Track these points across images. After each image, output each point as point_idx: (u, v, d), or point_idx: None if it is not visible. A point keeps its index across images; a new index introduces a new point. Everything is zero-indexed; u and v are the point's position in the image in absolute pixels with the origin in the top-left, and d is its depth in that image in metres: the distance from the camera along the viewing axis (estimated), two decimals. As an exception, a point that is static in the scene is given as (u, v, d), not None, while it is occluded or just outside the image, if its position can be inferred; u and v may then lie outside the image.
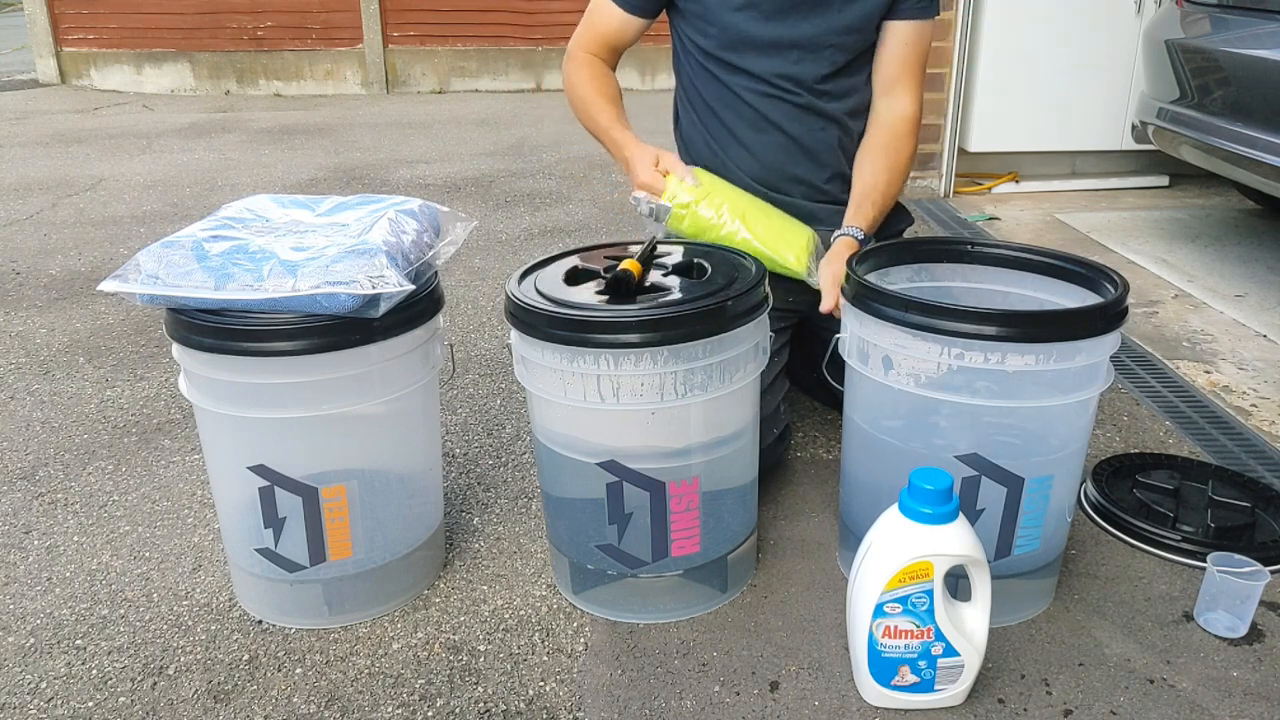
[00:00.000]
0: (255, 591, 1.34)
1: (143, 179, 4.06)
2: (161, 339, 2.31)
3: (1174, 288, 2.64)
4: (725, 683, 1.20)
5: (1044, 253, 1.37)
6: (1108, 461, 1.65)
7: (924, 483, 1.05)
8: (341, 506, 1.27)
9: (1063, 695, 1.17)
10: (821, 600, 1.36)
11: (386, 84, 6.89)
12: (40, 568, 1.46)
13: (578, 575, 1.34)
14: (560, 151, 4.53)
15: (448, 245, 1.31)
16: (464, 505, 1.62)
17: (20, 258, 2.99)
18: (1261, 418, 1.90)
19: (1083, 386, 1.19)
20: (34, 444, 1.84)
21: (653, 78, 6.87)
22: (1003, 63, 3.45)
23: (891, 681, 1.13)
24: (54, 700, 1.19)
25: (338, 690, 1.20)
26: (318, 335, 1.15)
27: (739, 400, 1.28)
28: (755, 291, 1.23)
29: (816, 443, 1.81)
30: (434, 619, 1.33)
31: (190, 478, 1.71)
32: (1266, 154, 2.30)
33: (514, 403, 1.99)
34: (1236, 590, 1.27)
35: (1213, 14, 2.63)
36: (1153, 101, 2.88)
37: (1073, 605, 1.34)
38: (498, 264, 2.89)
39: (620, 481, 1.23)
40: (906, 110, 1.67)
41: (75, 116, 5.73)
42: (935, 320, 1.15)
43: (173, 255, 1.17)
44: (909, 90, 1.67)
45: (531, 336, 1.20)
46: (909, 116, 1.67)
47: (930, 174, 3.63)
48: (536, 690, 1.20)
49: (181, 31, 6.81)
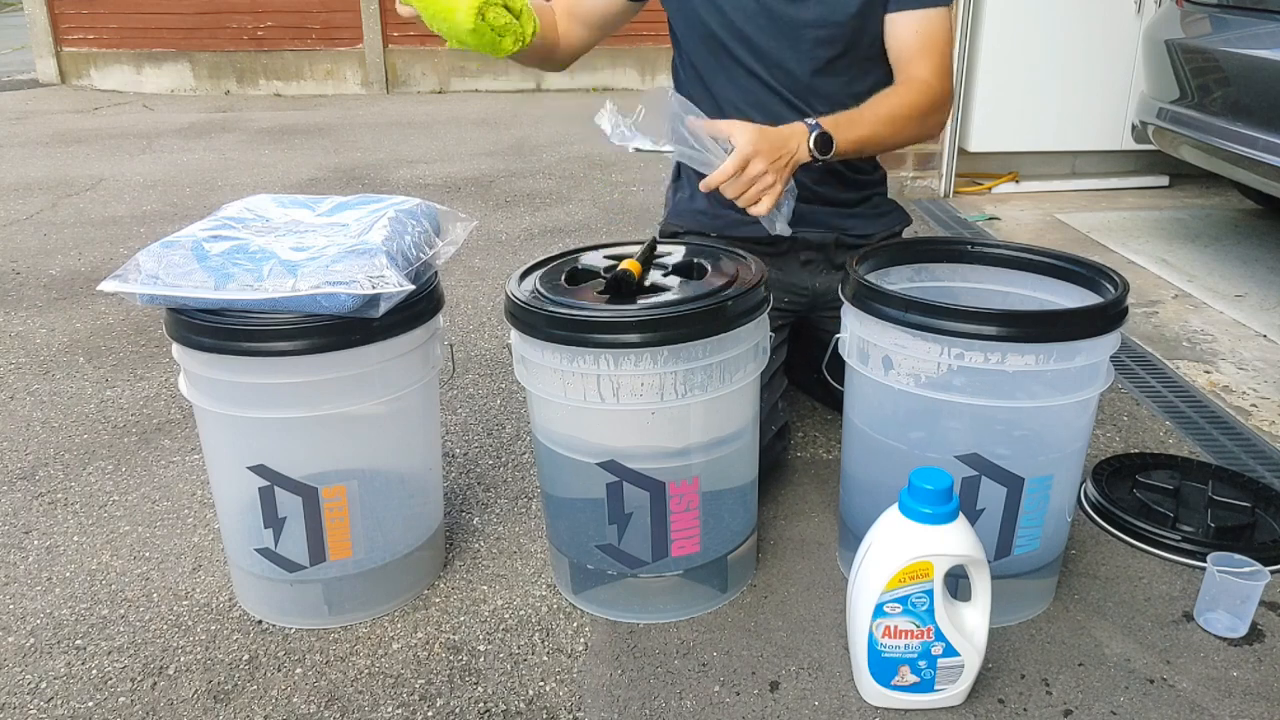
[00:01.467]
0: (255, 591, 1.34)
1: (143, 179, 4.06)
2: (161, 339, 2.31)
3: (1174, 288, 2.64)
4: (725, 683, 1.20)
5: (1044, 253, 1.37)
6: (1108, 461, 1.65)
7: (924, 483, 1.05)
8: (341, 506, 1.27)
9: (1063, 695, 1.17)
10: (821, 600, 1.36)
11: (386, 84, 6.89)
12: (40, 568, 1.46)
13: (578, 575, 1.34)
14: (560, 151, 4.53)
15: (448, 245, 1.31)
16: (464, 505, 1.62)
17: (20, 258, 2.99)
18: (1261, 418, 1.90)
19: (1083, 387, 1.19)
20: (34, 444, 1.84)
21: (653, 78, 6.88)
22: (1003, 63, 3.45)
23: (891, 681, 1.13)
24: (54, 700, 1.19)
25: (338, 690, 1.20)
26: (318, 335, 1.15)
27: (739, 400, 1.28)
28: (755, 291, 1.23)
29: (816, 443, 1.81)
30: (434, 619, 1.33)
31: (190, 478, 1.71)
32: (1266, 154, 2.30)
33: (514, 403, 1.99)
34: (1236, 590, 1.27)
35: (1213, 14, 2.63)
36: (1153, 101, 2.88)
37: (1073, 605, 1.34)
38: (498, 264, 2.89)
39: (620, 481, 1.23)
40: (922, 74, 1.56)
41: (75, 116, 5.73)
42: (935, 320, 1.15)
43: (173, 255, 1.17)
44: (926, 65, 1.57)
45: (531, 336, 1.20)
46: (924, 79, 1.56)
47: (930, 174, 3.62)
48: (536, 690, 1.20)
49: (181, 31, 6.81)
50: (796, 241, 1.69)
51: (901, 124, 1.54)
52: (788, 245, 1.69)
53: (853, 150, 1.49)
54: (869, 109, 1.52)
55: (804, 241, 1.70)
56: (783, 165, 1.39)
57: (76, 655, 1.27)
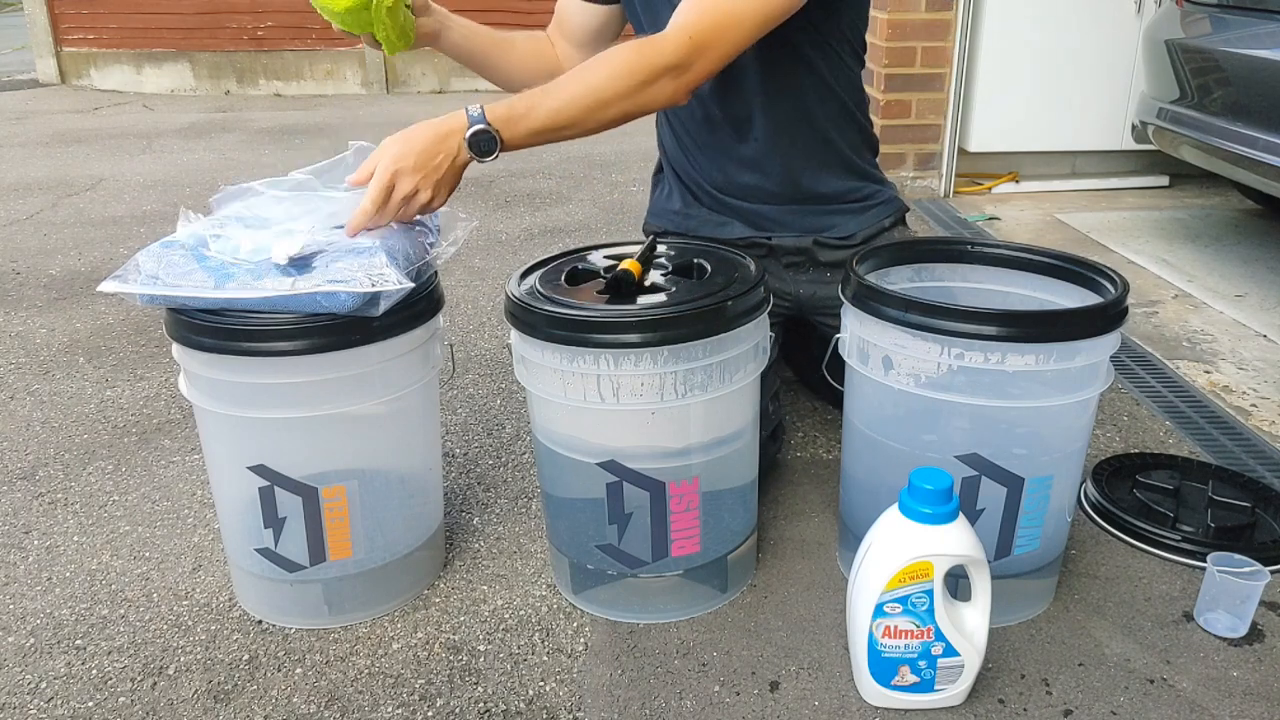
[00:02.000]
0: (255, 591, 1.34)
1: (143, 179, 4.06)
2: (161, 339, 2.31)
3: (1174, 288, 2.64)
4: (725, 683, 1.20)
5: (1044, 253, 1.37)
6: (1108, 461, 1.65)
7: (924, 483, 1.05)
8: (341, 506, 1.27)
9: (1063, 695, 1.17)
10: (821, 600, 1.36)
11: (386, 84, 6.89)
12: (40, 568, 1.46)
13: (578, 575, 1.34)
14: (560, 151, 4.53)
15: (448, 245, 1.31)
16: (464, 505, 1.62)
17: (20, 258, 2.99)
18: (1261, 418, 1.90)
19: (1083, 387, 1.19)
20: (34, 444, 1.84)
21: (653, 78, 6.87)
22: (1003, 63, 3.45)
23: (891, 681, 1.13)
24: (54, 700, 1.19)
25: (338, 690, 1.20)
26: (318, 335, 1.15)
27: (739, 400, 1.28)
28: (755, 291, 1.23)
29: (816, 443, 1.81)
30: (434, 619, 1.33)
31: (190, 478, 1.71)
32: (1266, 154, 2.30)
33: (514, 403, 1.99)
34: (1236, 590, 1.27)
35: (1213, 14, 2.63)
36: (1153, 101, 2.88)
37: (1073, 605, 1.34)
38: (498, 264, 2.89)
39: (620, 481, 1.23)
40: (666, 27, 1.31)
41: (75, 116, 5.73)
42: (935, 320, 1.15)
43: (172, 255, 1.17)
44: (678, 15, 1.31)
45: (531, 336, 1.20)
46: (661, 33, 1.30)
47: (930, 174, 3.63)
48: (536, 690, 1.20)
49: (181, 31, 6.80)
50: (775, 248, 1.68)
51: (606, 99, 1.27)
52: (766, 250, 1.67)
53: (537, 140, 1.27)
54: (562, 85, 1.28)
55: (781, 248, 1.68)
56: (439, 176, 1.23)
57: (76, 655, 1.27)
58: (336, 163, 1.37)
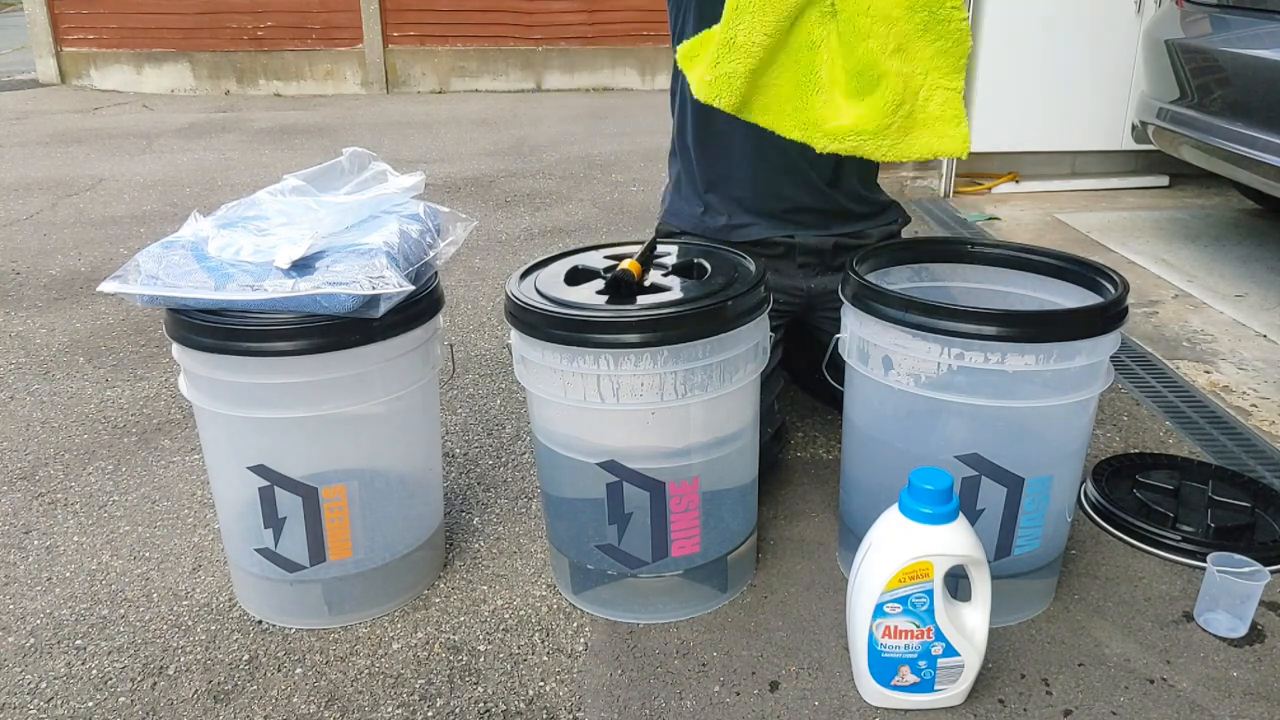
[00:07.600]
0: (255, 591, 1.34)
1: (143, 179, 4.06)
2: (161, 339, 2.31)
3: (1174, 288, 2.64)
4: (725, 683, 1.20)
5: (1044, 253, 1.37)
6: (1108, 461, 1.65)
7: (924, 483, 1.05)
8: (341, 506, 1.27)
9: (1063, 695, 1.17)
10: (821, 600, 1.36)
11: (386, 84, 6.90)
12: (40, 568, 1.46)
13: (578, 575, 1.34)
14: (560, 151, 4.53)
15: (448, 245, 1.31)
16: (464, 505, 1.62)
17: (20, 258, 2.99)
18: (1261, 418, 1.90)
19: (1083, 387, 1.19)
20: (34, 444, 1.84)
21: (653, 78, 6.88)
22: (1003, 63, 3.45)
23: (891, 681, 1.13)
24: (54, 700, 1.19)
25: (338, 690, 1.20)
26: (318, 335, 1.15)
27: (739, 400, 1.28)
28: (755, 291, 1.23)
29: (816, 443, 1.81)
30: (434, 619, 1.33)
31: (190, 478, 1.71)
32: (1266, 154, 2.30)
33: (514, 403, 1.99)
34: (1236, 590, 1.27)
35: (1213, 14, 2.63)
36: (1153, 101, 2.88)
37: (1073, 605, 1.34)
38: (498, 264, 2.89)
39: (620, 481, 1.23)
40: None
41: (75, 116, 5.73)
42: (935, 320, 1.16)
43: (172, 255, 1.17)
44: None
45: (531, 336, 1.20)
46: None
47: (930, 174, 3.63)
48: (536, 690, 1.20)
49: (181, 31, 6.81)
50: (795, 247, 1.68)
51: None
52: (784, 249, 1.68)
53: None
54: None
55: (802, 246, 1.70)
56: None
57: (76, 655, 1.27)
58: (331, 168, 1.37)
